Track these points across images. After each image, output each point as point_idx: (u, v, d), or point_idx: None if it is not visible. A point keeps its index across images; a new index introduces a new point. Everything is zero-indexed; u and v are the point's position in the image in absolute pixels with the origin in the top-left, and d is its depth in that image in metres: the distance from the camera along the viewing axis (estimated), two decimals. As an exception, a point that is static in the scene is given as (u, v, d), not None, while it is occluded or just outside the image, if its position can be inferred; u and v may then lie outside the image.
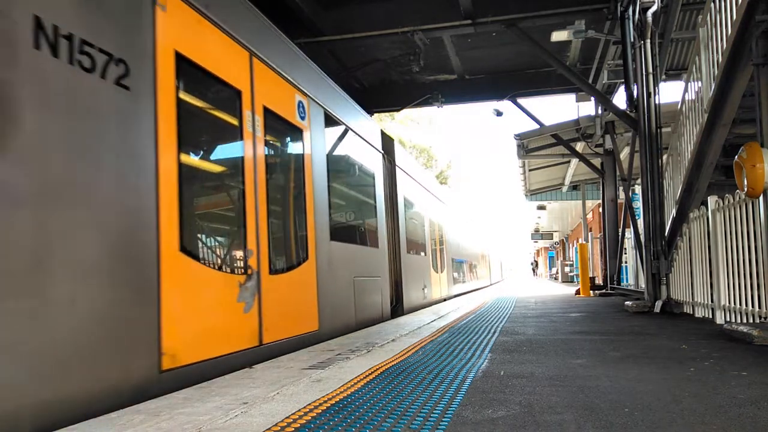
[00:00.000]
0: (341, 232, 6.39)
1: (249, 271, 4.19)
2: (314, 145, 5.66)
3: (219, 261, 4.08)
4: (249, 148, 4.38)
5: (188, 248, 3.51)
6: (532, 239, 43.28)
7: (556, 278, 35.76)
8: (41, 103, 2.56)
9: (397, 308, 9.01)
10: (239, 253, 4.21)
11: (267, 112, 4.72)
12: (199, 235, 3.86)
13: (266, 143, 4.68)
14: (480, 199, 63.64)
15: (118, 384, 2.83)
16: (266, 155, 4.66)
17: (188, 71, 3.67)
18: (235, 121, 4.31)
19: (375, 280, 7.58)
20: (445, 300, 13.44)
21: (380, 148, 8.37)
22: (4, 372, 2.28)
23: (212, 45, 3.96)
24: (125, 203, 3.01)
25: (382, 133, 8.71)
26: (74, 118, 2.74)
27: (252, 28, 4.58)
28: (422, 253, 11.39)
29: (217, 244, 4.21)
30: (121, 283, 2.94)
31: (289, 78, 5.18)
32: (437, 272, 13.01)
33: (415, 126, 36.47)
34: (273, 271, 4.57)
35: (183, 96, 3.60)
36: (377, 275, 7.71)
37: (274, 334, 4.45)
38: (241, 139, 4.31)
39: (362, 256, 7.13)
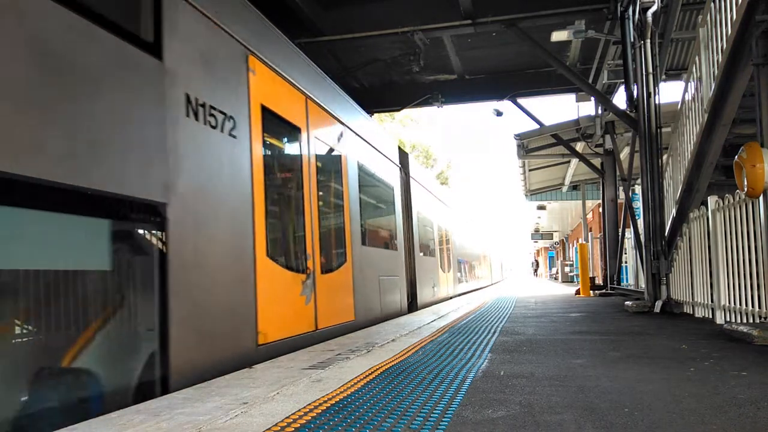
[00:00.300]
0: (369, 238, 7.53)
1: (308, 271, 5.25)
2: (350, 166, 6.79)
3: (290, 263, 5.01)
4: (306, 172, 5.43)
5: (271, 254, 4.51)
6: (532, 239, 43.26)
7: (556, 278, 35.75)
8: (193, 152, 3.56)
9: (413, 304, 9.99)
10: (302, 257, 5.22)
11: (317, 141, 5.78)
12: (276, 244, 4.81)
13: (317, 168, 5.71)
14: (480, 199, 63.70)
15: (235, 352, 3.88)
16: (318, 178, 5.73)
17: (267, 117, 4.64)
18: (296, 152, 5.36)
19: (395, 279, 8.68)
20: (451, 298, 14.26)
21: (397, 163, 9.54)
22: (193, 341, 3.46)
23: (281, 94, 5.01)
24: (237, 223, 4.04)
25: (399, 149, 9.90)
26: (210, 164, 3.75)
27: (308, 77, 5.67)
28: (432, 255, 12.49)
29: (288, 250, 5.13)
30: (239, 283, 4.01)
31: (333, 113, 6.33)
32: (444, 272, 14.02)
33: (415, 126, 36.46)
34: (323, 271, 5.64)
35: (265, 137, 4.59)
36: (397, 275, 8.81)
37: (325, 321, 5.51)
38: (301, 166, 5.35)
39: (385, 258, 8.22)
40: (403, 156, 10.17)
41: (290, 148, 5.36)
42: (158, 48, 3.32)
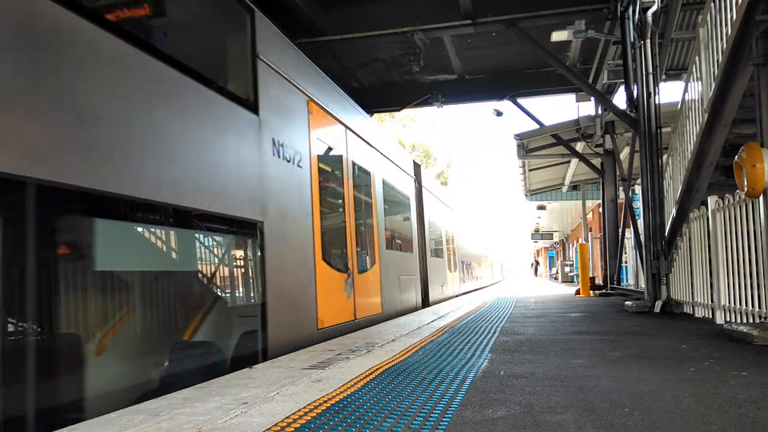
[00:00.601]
0: (391, 242, 8.88)
1: (349, 271, 6.45)
2: (377, 182, 8.01)
3: (337, 265, 6.11)
4: (346, 190, 6.64)
5: (325, 258, 5.66)
6: (532, 239, 43.23)
7: (556, 278, 35.74)
8: (276, 182, 4.70)
9: (426, 300, 11.12)
10: (344, 260, 6.42)
11: (354, 165, 6.95)
12: (328, 250, 5.87)
13: (354, 186, 6.91)
14: (480, 199, 63.68)
15: (303, 333, 5.05)
16: (354, 194, 6.92)
17: (319, 147, 5.78)
18: (339, 173, 6.49)
19: (412, 278, 9.95)
20: (457, 296, 15.36)
21: (412, 174, 10.77)
22: (279, 323, 4.56)
23: (327, 127, 6.14)
24: (303, 234, 5.23)
25: (414, 163, 11.23)
26: (287, 189, 4.90)
27: (347, 110, 6.87)
28: (441, 257, 13.70)
29: (335, 254, 6.19)
30: (305, 280, 5.19)
31: (366, 140, 7.57)
32: (451, 272, 15.34)
33: (415, 125, 36.44)
34: (359, 271, 6.83)
35: (319, 164, 5.70)
36: (413, 275, 10.07)
37: (360, 313, 6.73)
38: (342, 185, 6.54)
39: (404, 260, 9.52)
40: (417, 168, 11.34)
41: (335, 171, 6.47)
42: (256, 106, 4.48)
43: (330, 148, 6.21)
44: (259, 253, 4.39)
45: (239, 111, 4.22)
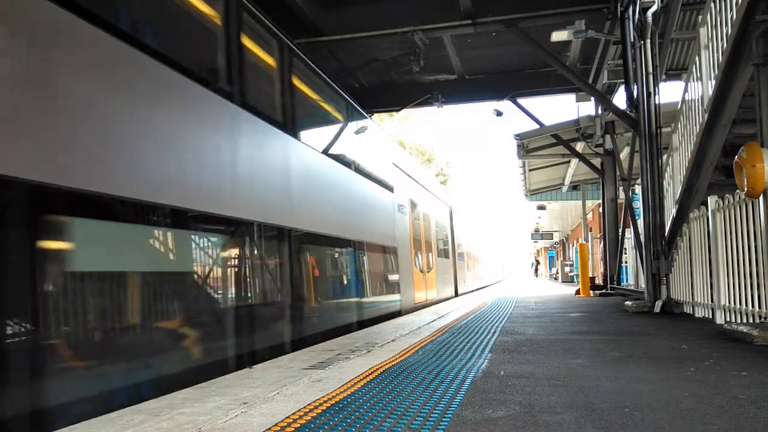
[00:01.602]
0: (440, 252, 14.07)
1: (422, 271, 11.33)
2: (432, 216, 13.27)
3: (421, 269, 11.16)
4: (421, 225, 11.59)
5: (414, 264, 10.63)
6: (532, 239, 43.20)
7: (556, 278, 35.72)
8: (398, 224, 9.65)
9: (456, 291, 16.41)
10: (424, 266, 11.73)
11: (423, 212, 11.90)
12: (415, 259, 10.66)
13: (423, 222, 12.01)
14: (480, 199, 63.70)
15: (411, 305, 9.88)
16: (423, 225, 11.90)
17: (413, 204, 11.00)
18: (418, 217, 11.10)
19: (448, 276, 15.25)
20: (472, 291, 19.96)
21: (447, 202, 16.57)
22: (404, 298, 9.67)
23: (416, 192, 11.48)
24: (406, 252, 10.01)
25: (446, 193, 17.80)
26: (401, 227, 9.83)
27: (424, 176, 12.86)
28: (462, 260, 19.03)
29: (420, 263, 11.16)
30: (410, 274, 10.14)
31: (428, 188, 12.50)
32: (469, 271, 21.07)
33: (415, 125, 36.45)
34: (428, 271, 11.84)
35: (411, 213, 10.74)
36: (449, 274, 15.52)
37: (430, 297, 11.63)
38: (419, 223, 11.34)
39: (445, 264, 14.73)
40: (451, 198, 17.72)
41: (416, 216, 11.27)
42: (392, 189, 9.37)
43: (414, 204, 11.11)
44: (395, 261, 9.19)
45: (388, 192, 9.11)
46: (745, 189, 4.76)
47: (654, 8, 8.00)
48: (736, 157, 4.88)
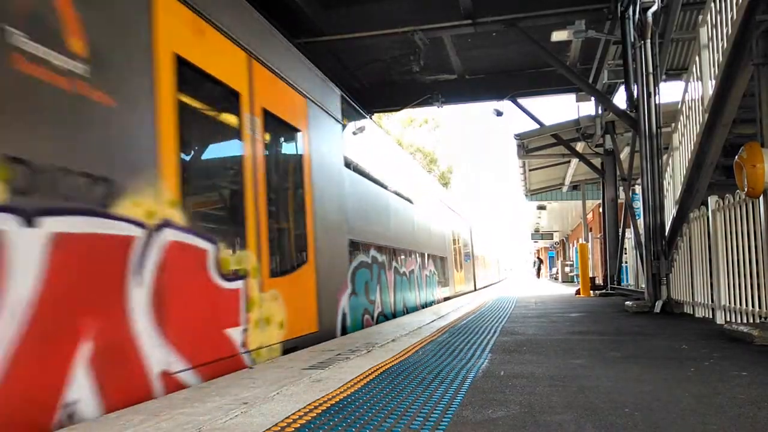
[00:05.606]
0: (465, 256, 19.34)
1: (457, 271, 17.33)
2: (464, 232, 19.50)
3: (456, 269, 17.06)
4: (457, 242, 17.57)
5: (454, 267, 16.65)
6: (532, 239, 43.22)
7: (556, 278, 35.72)
8: (448, 240, 16.06)
9: (476, 286, 21.63)
10: (457, 267, 17.44)
11: (459, 233, 18.24)
12: (454, 263, 16.74)
13: (461, 239, 18.69)
14: (480, 199, 63.76)
15: (447, 295, 14.67)
16: (461, 242, 18.68)
17: (452, 227, 17.22)
18: (458, 237, 18.19)
19: (470, 275, 20.50)
20: (481, 288, 23.60)
21: (469, 222, 20.95)
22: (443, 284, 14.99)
23: (453, 220, 17.37)
24: (450, 258, 16.14)
25: (468, 211, 23.52)
26: (446, 240, 15.83)
27: (463, 206, 21.85)
28: (476, 261, 23.32)
29: (456, 265, 17.13)
30: (452, 276, 16.22)
31: (461, 215, 19.30)
32: (482, 271, 25.83)
33: (415, 125, 36.42)
34: (459, 271, 17.70)
35: (452, 232, 17.13)
36: (471, 273, 20.66)
37: (462, 290, 17.61)
38: (456, 240, 17.67)
39: (468, 266, 19.95)
40: (471, 215, 22.63)
41: (456, 234, 17.40)
42: (446, 222, 15.60)
43: (453, 228, 16.36)
44: (446, 265, 14.60)
45: (445, 224, 15.17)
46: (746, 189, 4.76)
47: (654, 8, 7.99)
48: (737, 157, 4.88)
